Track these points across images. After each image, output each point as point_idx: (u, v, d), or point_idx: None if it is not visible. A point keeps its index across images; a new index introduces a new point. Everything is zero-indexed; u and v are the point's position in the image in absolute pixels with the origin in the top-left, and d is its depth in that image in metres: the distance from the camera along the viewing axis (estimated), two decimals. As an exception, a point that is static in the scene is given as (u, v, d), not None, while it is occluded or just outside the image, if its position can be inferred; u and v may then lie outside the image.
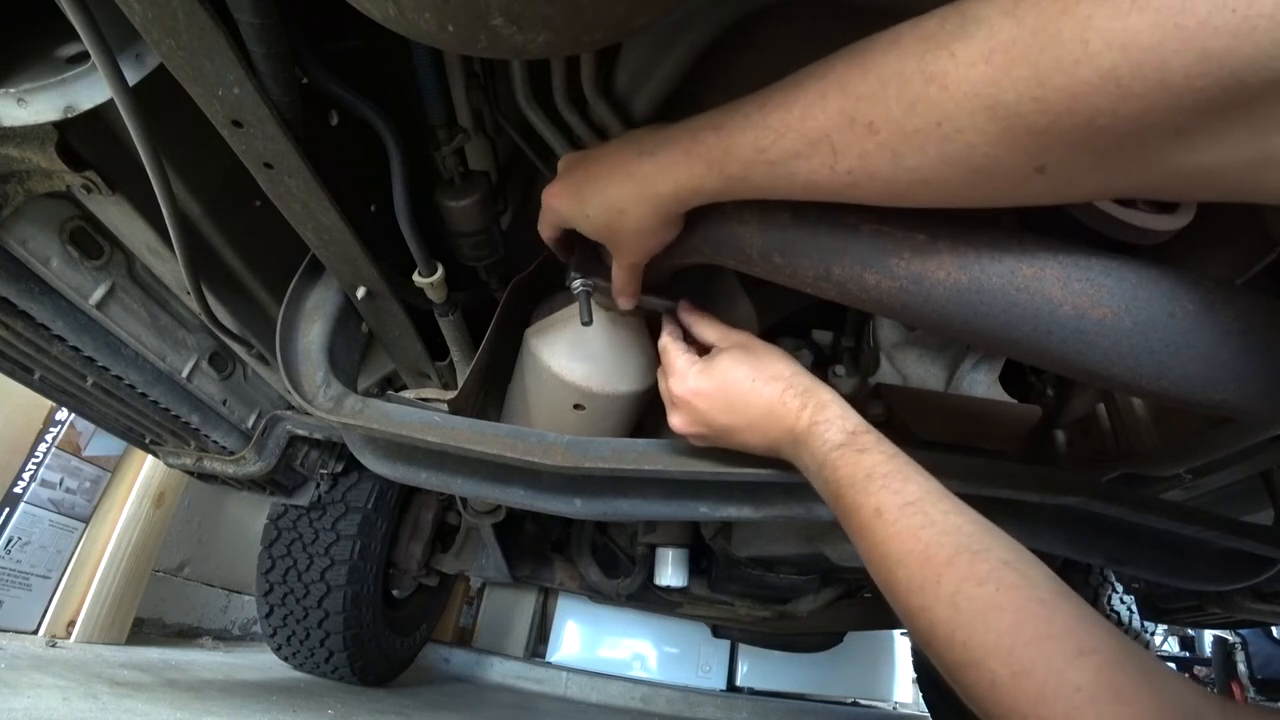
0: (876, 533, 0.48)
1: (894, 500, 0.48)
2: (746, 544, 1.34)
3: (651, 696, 2.80)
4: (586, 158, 0.61)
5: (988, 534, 0.45)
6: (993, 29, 0.36)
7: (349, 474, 1.49)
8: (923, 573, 0.44)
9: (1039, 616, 0.39)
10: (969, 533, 0.45)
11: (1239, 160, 0.34)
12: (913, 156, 0.40)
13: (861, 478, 0.51)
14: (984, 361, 0.87)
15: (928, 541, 0.45)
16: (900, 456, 0.53)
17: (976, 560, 0.42)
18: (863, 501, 0.50)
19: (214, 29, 0.46)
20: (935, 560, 0.44)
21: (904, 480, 0.50)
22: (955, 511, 0.47)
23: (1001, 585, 0.41)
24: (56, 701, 1.12)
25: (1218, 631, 3.69)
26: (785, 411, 0.60)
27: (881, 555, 0.48)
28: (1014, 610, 0.40)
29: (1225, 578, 0.96)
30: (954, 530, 0.45)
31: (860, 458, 0.53)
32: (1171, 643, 4.71)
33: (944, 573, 0.43)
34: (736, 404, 0.63)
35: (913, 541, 0.46)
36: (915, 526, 0.46)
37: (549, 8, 0.38)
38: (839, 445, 0.55)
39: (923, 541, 0.45)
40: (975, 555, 0.43)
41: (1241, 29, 0.29)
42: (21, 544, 1.67)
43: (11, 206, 0.68)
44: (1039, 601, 0.40)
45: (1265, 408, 0.48)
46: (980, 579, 0.41)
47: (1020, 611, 0.39)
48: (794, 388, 0.61)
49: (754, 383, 0.62)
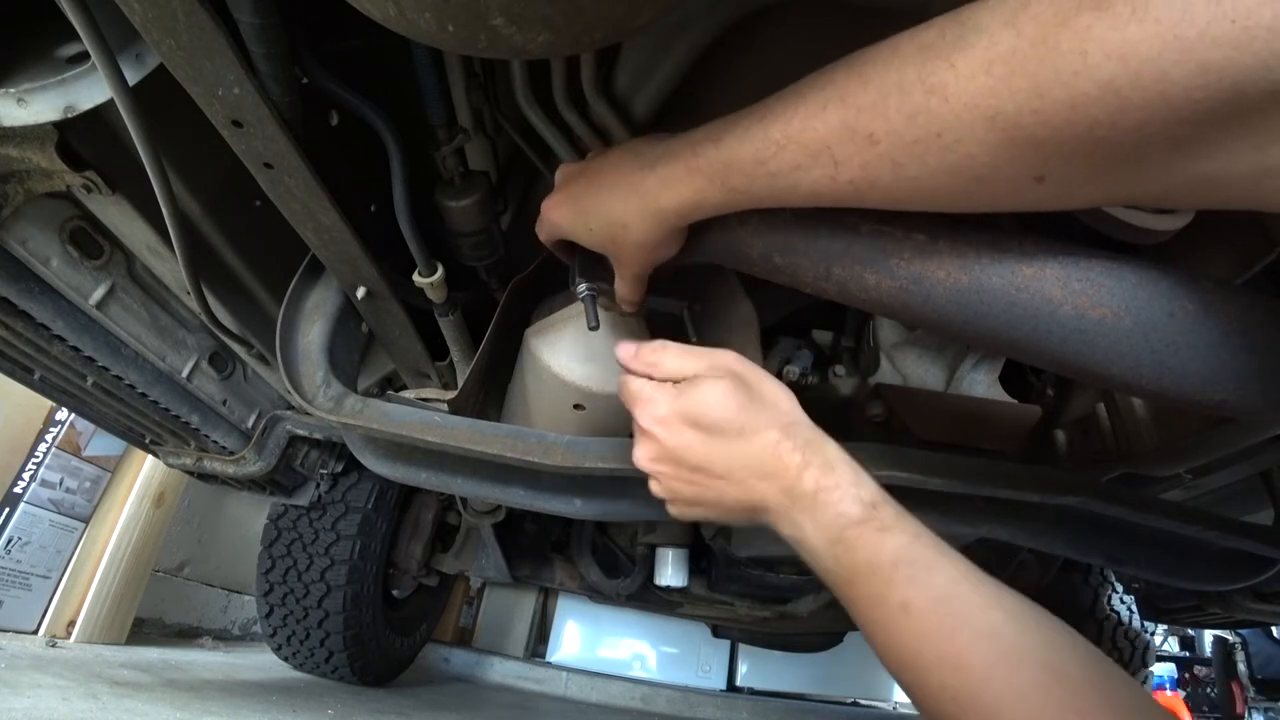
0: (904, 631, 0.44)
1: (922, 595, 0.44)
2: (746, 544, 1.34)
3: (651, 696, 2.80)
4: (586, 169, 0.60)
5: (1025, 632, 0.42)
6: (993, 40, 0.36)
7: (349, 474, 1.49)
8: (958, 681, 0.41)
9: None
10: (1007, 634, 0.41)
11: (1238, 170, 0.34)
12: (913, 167, 0.40)
13: (885, 565, 0.45)
14: (984, 361, 0.87)
15: (962, 647, 0.41)
16: (925, 535, 0.47)
17: (1017, 672, 0.40)
18: (886, 594, 0.45)
19: (214, 29, 0.46)
20: (972, 669, 0.41)
21: (930, 569, 0.45)
22: (988, 606, 0.43)
23: (1047, 699, 0.39)
24: (56, 701, 1.12)
25: (1218, 631, 3.69)
26: (780, 467, 0.51)
27: (910, 655, 0.43)
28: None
29: (1225, 578, 0.96)
30: (990, 634, 0.41)
31: (883, 539, 0.46)
32: (1171, 643, 4.71)
33: (983, 687, 0.40)
34: (716, 445, 0.53)
35: (946, 645, 0.42)
36: (948, 629, 0.42)
37: (549, 8, 0.38)
38: (857, 521, 0.48)
39: (957, 646, 0.41)
40: (1015, 666, 0.40)
41: (1241, 40, 0.29)
42: (21, 544, 1.67)
43: (11, 206, 0.68)
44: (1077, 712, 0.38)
45: (1265, 408, 0.48)
46: (1022, 693, 0.39)
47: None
48: (792, 438, 0.52)
49: (743, 424, 0.53)
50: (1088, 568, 1.90)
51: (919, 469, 0.76)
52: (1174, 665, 4.31)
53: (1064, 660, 0.41)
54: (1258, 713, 3.57)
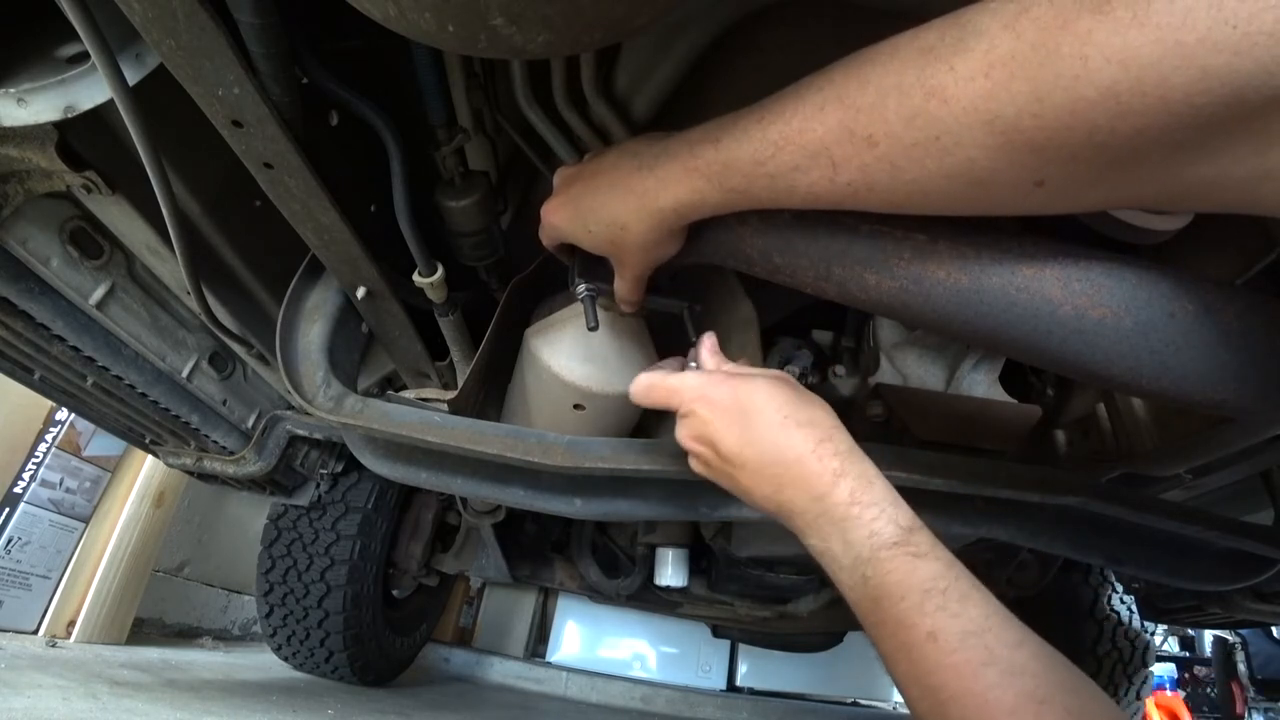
0: (929, 660, 0.43)
1: (953, 625, 0.43)
2: (746, 544, 1.34)
3: (651, 696, 2.80)
4: (584, 171, 0.60)
5: (1051, 673, 0.41)
6: (993, 43, 0.35)
7: (349, 474, 1.49)
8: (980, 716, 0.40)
9: None
10: (1034, 674, 0.41)
11: (1238, 174, 0.34)
12: (912, 170, 0.40)
13: (917, 591, 0.44)
14: (984, 361, 0.87)
15: (989, 683, 0.41)
16: (957, 565, 0.46)
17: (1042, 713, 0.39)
18: (916, 621, 0.44)
19: (214, 29, 0.46)
20: (997, 707, 0.40)
21: (963, 600, 0.44)
22: (1017, 645, 0.42)
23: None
24: (56, 701, 1.12)
25: (1218, 631, 3.69)
26: (818, 469, 0.50)
27: (933, 686, 0.42)
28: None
29: (1225, 578, 0.96)
30: (1019, 672, 0.41)
31: (917, 565, 0.46)
32: (1171, 643, 4.71)
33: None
34: (756, 433, 0.53)
35: (972, 680, 0.41)
36: (976, 663, 0.41)
37: (549, 8, 0.38)
38: (892, 544, 0.47)
39: (983, 682, 0.41)
40: (1041, 706, 0.39)
41: (1242, 45, 0.29)
42: (21, 544, 1.67)
43: (11, 206, 0.68)
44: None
45: (1265, 408, 0.48)
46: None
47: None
48: (834, 443, 0.52)
49: (786, 419, 0.53)
50: (1088, 568, 1.90)
51: (919, 469, 0.76)
52: (1174, 665, 4.32)
53: (1085, 704, 0.40)
54: (1258, 713, 3.57)
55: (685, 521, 1.49)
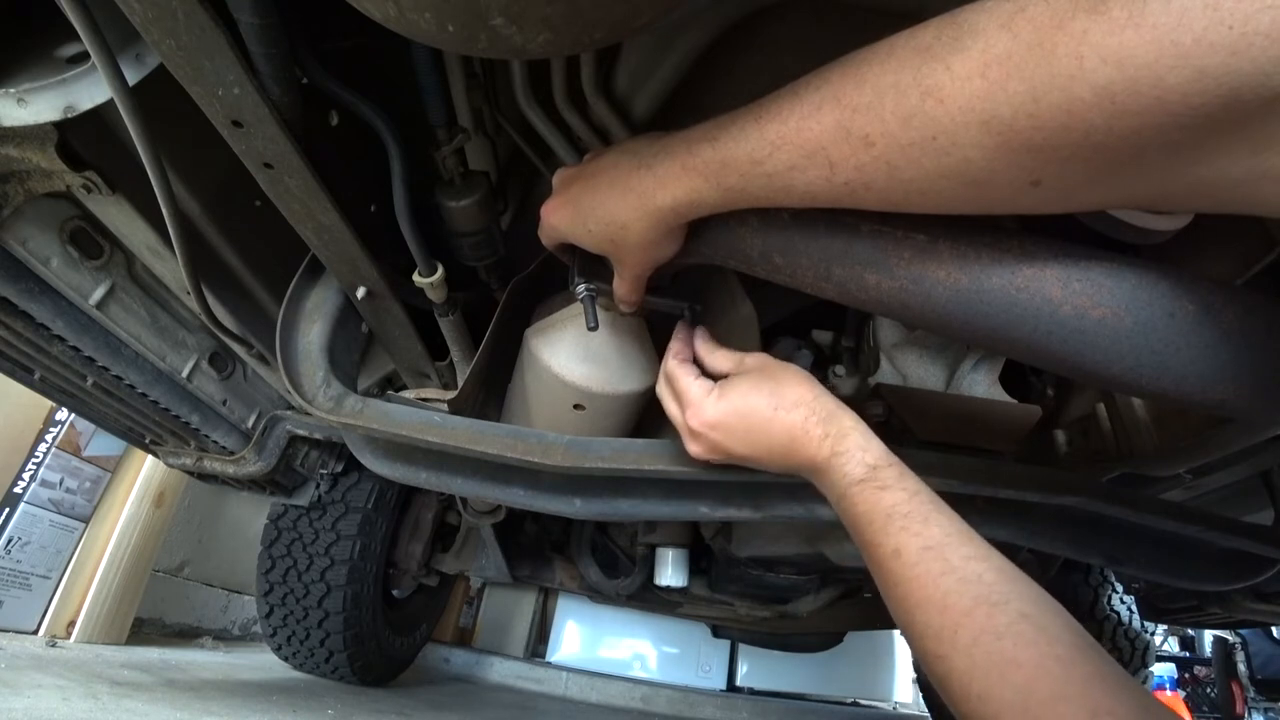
0: (894, 574, 0.48)
1: (913, 543, 0.47)
2: (746, 544, 1.34)
3: (651, 696, 2.80)
4: (583, 171, 0.60)
5: (1008, 583, 0.44)
6: (989, 42, 0.35)
7: (349, 474, 1.49)
8: (940, 620, 0.44)
9: (1055, 675, 0.39)
10: (989, 582, 0.44)
11: (1235, 175, 0.34)
12: (909, 169, 0.40)
13: (881, 517, 0.50)
14: (984, 361, 0.87)
15: (946, 589, 0.44)
16: (923, 493, 0.51)
17: (995, 612, 0.42)
18: (881, 540, 0.49)
19: (214, 29, 0.46)
20: (953, 609, 0.43)
21: (924, 521, 0.48)
22: (976, 558, 0.46)
23: (1019, 640, 0.40)
24: (56, 701, 1.12)
25: (1218, 631, 3.69)
26: (808, 440, 0.58)
27: (899, 597, 0.47)
28: (1031, 667, 0.39)
29: (1225, 578, 0.96)
30: (974, 579, 0.44)
31: (880, 495, 0.52)
32: (1171, 643, 4.71)
33: (962, 623, 0.42)
34: (757, 433, 0.61)
35: (931, 588, 0.45)
36: (934, 573, 0.45)
37: (549, 8, 0.38)
38: (859, 480, 0.54)
39: (941, 589, 0.44)
40: (994, 607, 0.42)
41: (1238, 46, 0.29)
42: (21, 544, 1.67)
43: (11, 206, 0.68)
44: (1056, 659, 0.39)
45: (1265, 408, 0.48)
46: (998, 632, 0.41)
47: (1037, 669, 0.39)
48: (816, 413, 0.59)
49: (775, 410, 0.60)
50: (1088, 568, 1.90)
51: (919, 469, 0.74)
52: (1174, 665, 4.32)
53: (1042, 612, 0.42)
54: (1258, 713, 3.58)
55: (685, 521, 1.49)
